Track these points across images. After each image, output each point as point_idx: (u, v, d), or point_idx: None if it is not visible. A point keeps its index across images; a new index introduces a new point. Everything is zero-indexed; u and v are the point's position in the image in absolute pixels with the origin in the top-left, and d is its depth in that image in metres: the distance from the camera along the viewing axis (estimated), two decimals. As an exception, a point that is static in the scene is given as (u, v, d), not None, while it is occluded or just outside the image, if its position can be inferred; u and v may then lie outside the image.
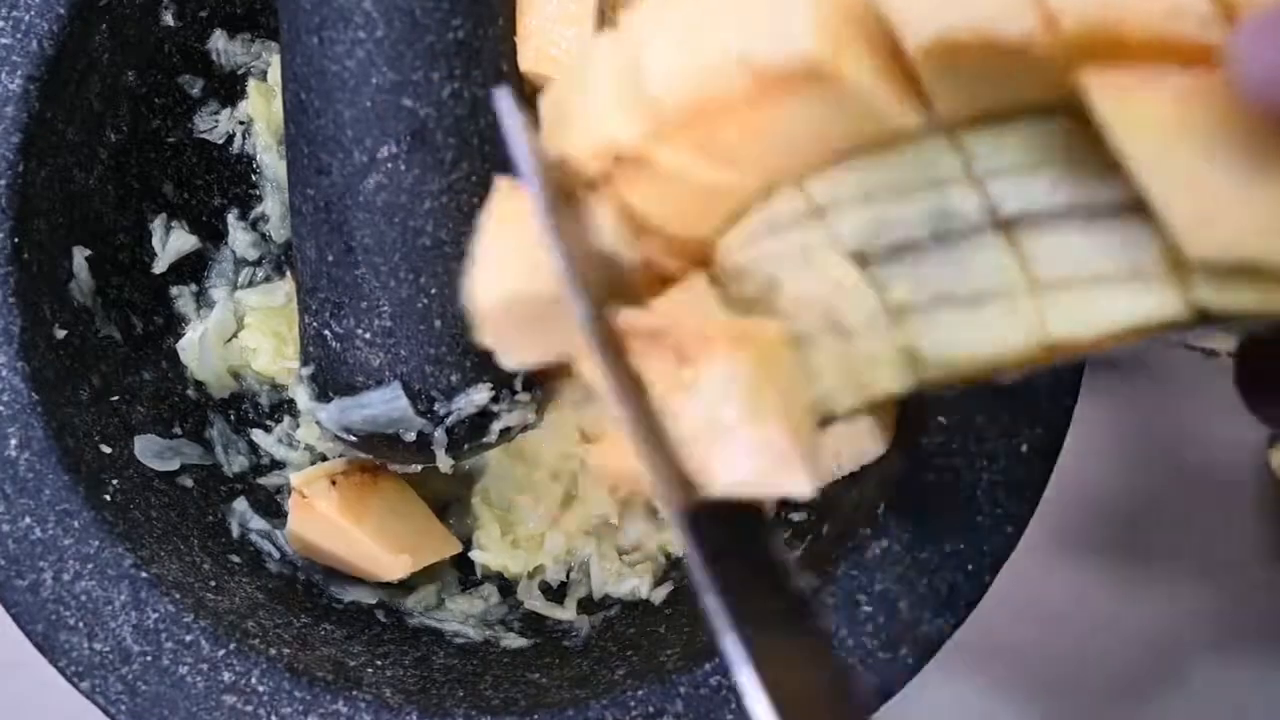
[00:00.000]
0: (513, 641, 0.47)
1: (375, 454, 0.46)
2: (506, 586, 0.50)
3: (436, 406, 0.44)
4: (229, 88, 0.52)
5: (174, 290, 0.51)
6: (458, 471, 0.48)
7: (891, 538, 0.40)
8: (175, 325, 0.50)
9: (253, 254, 0.52)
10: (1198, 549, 0.61)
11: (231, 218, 0.52)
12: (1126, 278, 0.25)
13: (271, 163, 0.52)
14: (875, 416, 0.43)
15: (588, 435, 0.49)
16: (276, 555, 0.48)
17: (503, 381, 0.44)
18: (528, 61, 0.44)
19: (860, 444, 0.44)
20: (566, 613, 0.49)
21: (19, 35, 0.44)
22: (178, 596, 0.41)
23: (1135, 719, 0.59)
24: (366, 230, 0.42)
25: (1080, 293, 0.25)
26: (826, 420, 0.28)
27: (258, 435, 0.51)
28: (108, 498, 0.43)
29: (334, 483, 0.46)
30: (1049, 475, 0.41)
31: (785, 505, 0.46)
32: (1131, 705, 0.59)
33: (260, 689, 0.40)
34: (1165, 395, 0.61)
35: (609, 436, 0.38)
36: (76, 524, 0.42)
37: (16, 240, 0.44)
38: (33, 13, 0.44)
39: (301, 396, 0.47)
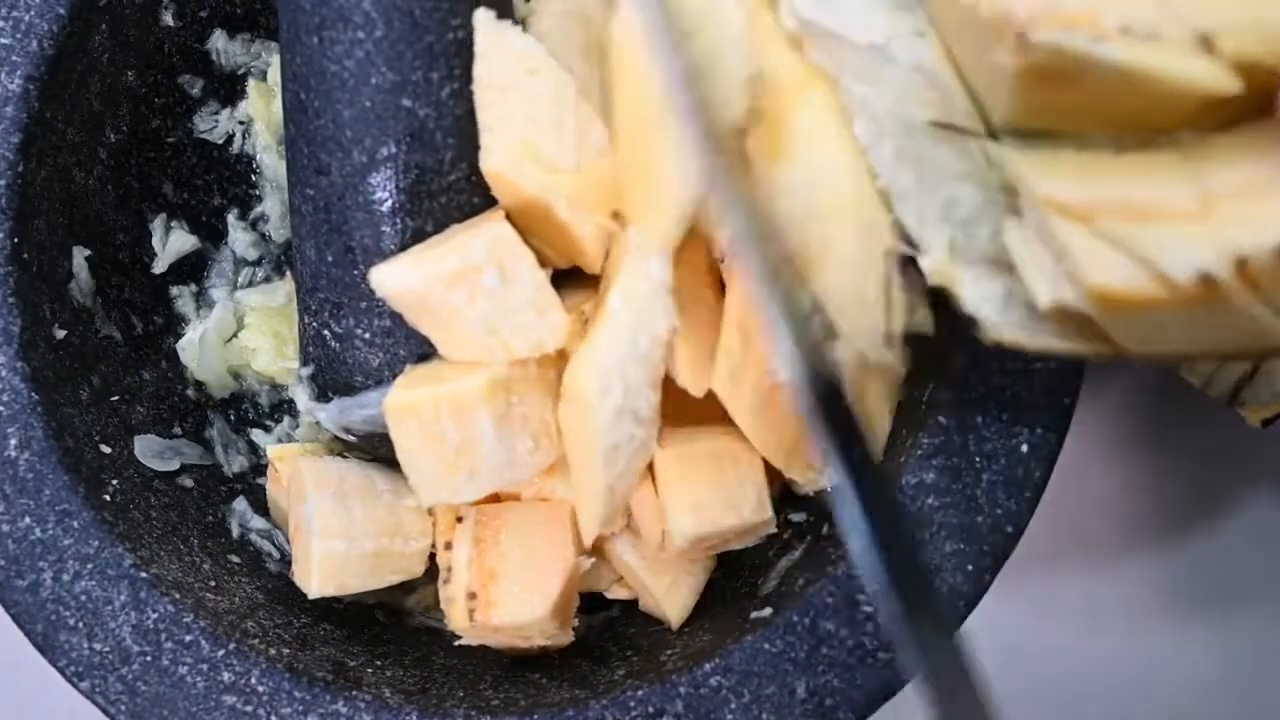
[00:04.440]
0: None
1: (375, 454, 0.46)
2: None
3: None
4: (229, 88, 0.52)
5: (174, 290, 0.51)
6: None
7: (891, 538, 0.40)
8: (175, 325, 0.50)
9: (253, 254, 0.52)
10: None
11: (231, 218, 0.52)
12: None
13: (271, 163, 0.52)
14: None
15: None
16: (276, 555, 0.48)
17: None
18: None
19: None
20: None
21: (19, 35, 0.44)
22: (177, 596, 0.41)
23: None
24: (366, 230, 0.42)
25: None
26: None
27: (258, 435, 0.51)
28: (107, 498, 0.43)
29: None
30: (1049, 475, 0.41)
31: (785, 506, 0.46)
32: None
33: (260, 689, 0.40)
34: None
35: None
36: (76, 524, 0.42)
37: (16, 240, 0.44)
38: (33, 13, 0.44)
39: (301, 396, 0.47)
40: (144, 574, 0.41)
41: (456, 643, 0.43)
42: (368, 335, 0.44)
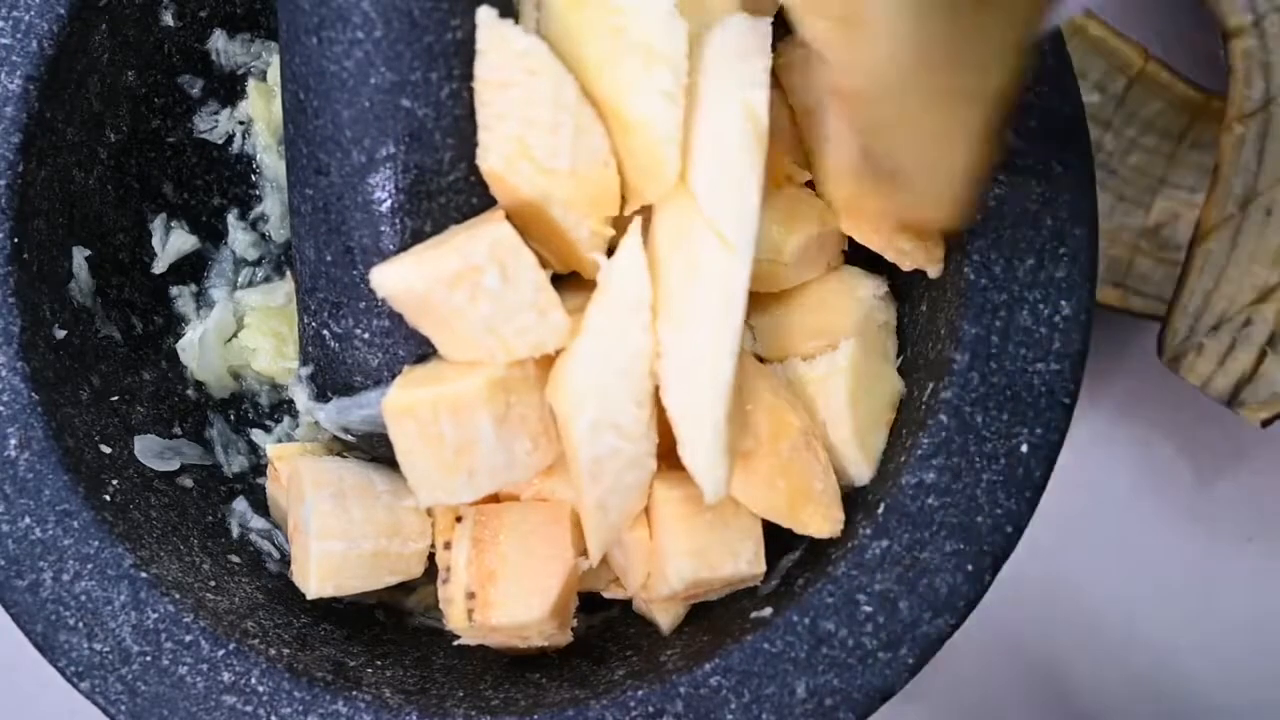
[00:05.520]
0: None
1: (374, 454, 0.46)
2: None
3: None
4: (229, 88, 0.52)
5: (174, 290, 0.51)
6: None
7: (891, 538, 0.40)
8: (175, 325, 0.50)
9: (253, 254, 0.52)
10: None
11: (231, 218, 0.52)
12: None
13: (271, 163, 0.52)
14: (861, 443, 0.43)
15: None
16: (276, 555, 0.48)
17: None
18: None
19: (847, 469, 0.44)
20: None
21: (19, 35, 0.44)
22: (177, 596, 0.41)
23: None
24: (365, 230, 0.42)
25: None
26: None
27: (258, 435, 0.51)
28: (107, 498, 0.43)
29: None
30: (1049, 475, 0.41)
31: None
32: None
33: (260, 689, 0.40)
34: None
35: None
36: (76, 524, 0.42)
37: (16, 240, 0.44)
38: (33, 13, 0.44)
39: (300, 396, 0.47)
40: (144, 574, 0.41)
41: (455, 643, 0.43)
42: (367, 335, 0.44)
